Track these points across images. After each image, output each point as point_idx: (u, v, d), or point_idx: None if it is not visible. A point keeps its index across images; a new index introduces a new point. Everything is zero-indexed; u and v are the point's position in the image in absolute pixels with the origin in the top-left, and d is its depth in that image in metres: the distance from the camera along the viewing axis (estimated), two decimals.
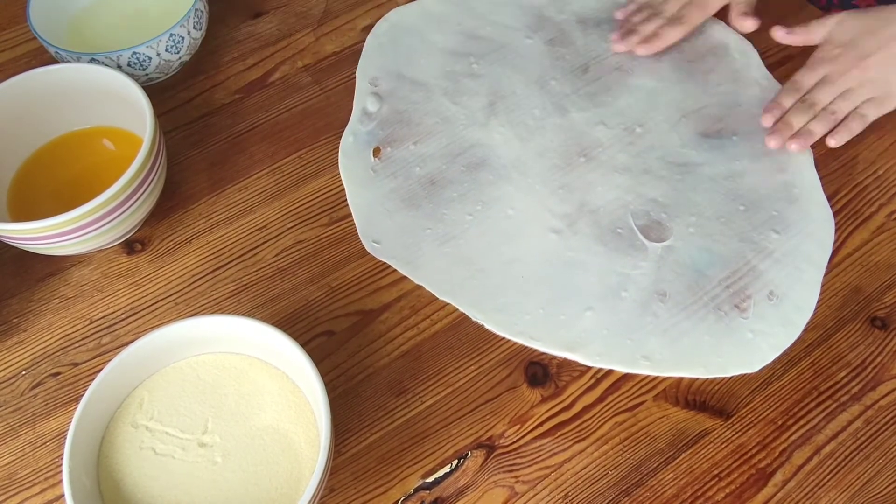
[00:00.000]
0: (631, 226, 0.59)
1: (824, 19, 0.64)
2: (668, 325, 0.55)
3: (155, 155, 0.55)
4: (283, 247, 0.60)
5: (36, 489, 0.50)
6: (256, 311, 0.57)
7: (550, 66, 0.68)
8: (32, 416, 0.53)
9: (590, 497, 0.50)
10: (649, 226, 0.59)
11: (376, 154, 0.63)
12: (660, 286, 0.57)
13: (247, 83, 0.69)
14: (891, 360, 0.54)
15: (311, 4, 0.74)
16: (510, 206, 0.60)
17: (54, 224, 0.51)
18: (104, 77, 0.58)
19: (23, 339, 0.56)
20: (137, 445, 0.47)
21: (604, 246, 0.59)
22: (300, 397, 0.49)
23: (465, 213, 0.60)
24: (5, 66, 0.70)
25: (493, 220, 0.60)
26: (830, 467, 0.50)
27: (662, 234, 0.59)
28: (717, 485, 0.50)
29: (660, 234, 0.59)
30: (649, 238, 0.59)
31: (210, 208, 0.62)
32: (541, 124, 0.65)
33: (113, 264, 0.59)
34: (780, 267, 0.58)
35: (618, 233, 0.59)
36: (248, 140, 0.66)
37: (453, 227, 0.60)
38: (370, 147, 0.64)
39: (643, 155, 0.63)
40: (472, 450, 0.51)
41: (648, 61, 0.68)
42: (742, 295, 0.56)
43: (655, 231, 0.59)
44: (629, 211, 0.60)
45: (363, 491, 0.50)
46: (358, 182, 0.62)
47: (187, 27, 0.64)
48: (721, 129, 0.65)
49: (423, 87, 0.67)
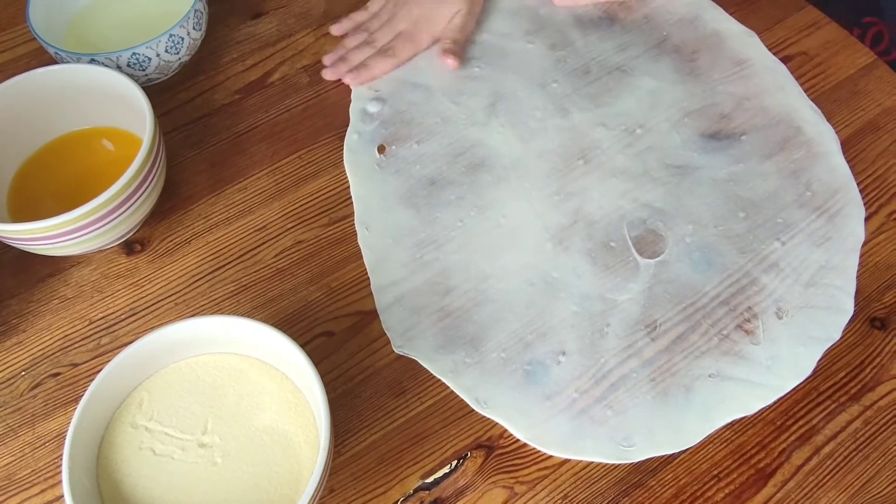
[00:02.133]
0: (625, 237, 0.58)
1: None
2: (657, 374, 0.52)
3: (155, 155, 0.55)
4: (283, 247, 0.60)
5: (35, 489, 0.50)
6: (256, 312, 0.57)
7: (552, 69, 0.68)
8: (32, 416, 0.53)
9: (589, 497, 0.50)
10: (644, 237, 0.58)
11: (381, 151, 0.63)
12: (649, 313, 0.54)
13: (246, 83, 0.69)
14: (890, 361, 0.54)
15: (311, 4, 0.74)
16: (503, 214, 0.60)
17: (54, 224, 0.51)
18: (104, 77, 0.58)
19: (22, 339, 0.56)
20: (137, 446, 0.47)
21: (593, 265, 0.57)
22: (300, 398, 0.49)
23: (457, 220, 0.59)
24: (5, 66, 0.70)
25: (482, 227, 0.59)
26: (830, 467, 0.50)
27: (657, 246, 0.58)
28: (717, 485, 0.50)
29: (654, 248, 0.57)
30: (643, 253, 0.57)
31: (210, 209, 0.62)
32: (542, 125, 0.65)
33: (113, 265, 0.59)
34: (783, 279, 0.56)
35: (610, 247, 0.57)
36: (247, 140, 0.66)
37: (441, 233, 0.59)
38: (374, 144, 0.64)
39: (642, 156, 0.63)
40: (471, 450, 0.51)
41: (649, 61, 0.68)
42: (747, 314, 0.55)
43: (650, 243, 0.58)
44: (625, 220, 0.59)
45: (363, 491, 0.50)
46: (364, 175, 0.62)
47: (187, 28, 0.64)
48: (725, 129, 0.64)
49: (423, 87, 0.67)
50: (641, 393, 0.52)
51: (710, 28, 0.70)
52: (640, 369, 0.53)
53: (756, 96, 0.65)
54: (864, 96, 0.67)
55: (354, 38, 0.69)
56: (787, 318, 0.54)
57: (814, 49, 0.70)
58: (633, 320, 0.54)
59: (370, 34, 0.69)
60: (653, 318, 0.55)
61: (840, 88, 0.68)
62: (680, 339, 0.54)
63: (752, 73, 0.67)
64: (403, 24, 0.68)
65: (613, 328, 0.54)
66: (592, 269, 0.57)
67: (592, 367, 0.53)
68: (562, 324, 0.54)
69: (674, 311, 0.55)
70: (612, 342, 0.54)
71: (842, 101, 0.67)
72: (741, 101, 0.65)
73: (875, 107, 0.66)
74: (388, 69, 0.67)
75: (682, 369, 0.53)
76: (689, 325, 0.54)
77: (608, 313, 0.55)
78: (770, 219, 0.59)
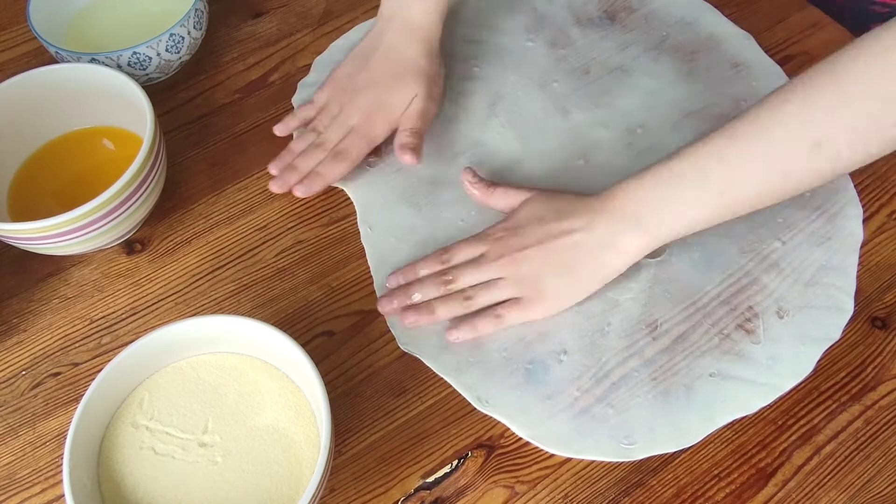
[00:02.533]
0: None
1: (518, 190, 0.56)
2: (658, 373, 0.52)
3: (155, 155, 0.55)
4: (283, 247, 0.60)
5: (36, 489, 0.50)
6: (256, 311, 0.57)
7: (552, 68, 0.68)
8: (32, 416, 0.53)
9: (590, 497, 0.50)
10: None
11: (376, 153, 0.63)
12: (650, 313, 0.54)
13: (247, 83, 0.69)
14: (891, 360, 0.54)
15: (311, 4, 0.74)
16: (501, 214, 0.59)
17: (54, 224, 0.51)
18: (104, 77, 0.58)
19: (23, 339, 0.56)
20: (137, 445, 0.47)
21: None
22: (300, 397, 0.49)
23: (458, 219, 0.59)
24: (5, 66, 0.70)
25: (482, 228, 0.57)
26: (830, 467, 0.50)
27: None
28: (717, 485, 0.50)
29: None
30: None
31: (210, 208, 0.62)
32: (542, 125, 0.65)
33: (113, 264, 0.59)
34: (783, 278, 0.56)
35: None
36: (248, 140, 0.66)
37: (442, 233, 0.59)
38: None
39: (643, 156, 0.62)
40: (472, 450, 0.51)
41: (649, 61, 0.68)
42: (748, 314, 0.55)
43: None
44: None
45: (363, 491, 0.50)
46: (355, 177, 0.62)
47: (187, 27, 0.64)
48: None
49: None
50: (642, 392, 0.52)
51: (707, 31, 0.70)
52: (641, 368, 0.53)
53: (753, 98, 0.65)
54: None
55: (302, 141, 0.61)
56: (788, 318, 0.54)
57: (815, 49, 0.70)
58: (634, 320, 0.54)
59: (318, 134, 0.61)
60: (654, 318, 0.55)
61: None
62: (681, 338, 0.54)
63: (748, 76, 0.67)
64: (355, 117, 0.60)
65: (614, 328, 0.54)
66: None
67: (593, 367, 0.53)
68: (563, 323, 0.54)
69: (674, 310, 0.55)
70: (613, 342, 0.54)
71: None
72: (739, 102, 0.65)
73: None
74: (342, 174, 0.60)
75: (682, 369, 0.53)
76: (690, 324, 0.54)
77: (609, 313, 0.55)
78: (770, 218, 0.59)
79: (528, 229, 0.53)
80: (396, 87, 0.61)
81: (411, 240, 0.59)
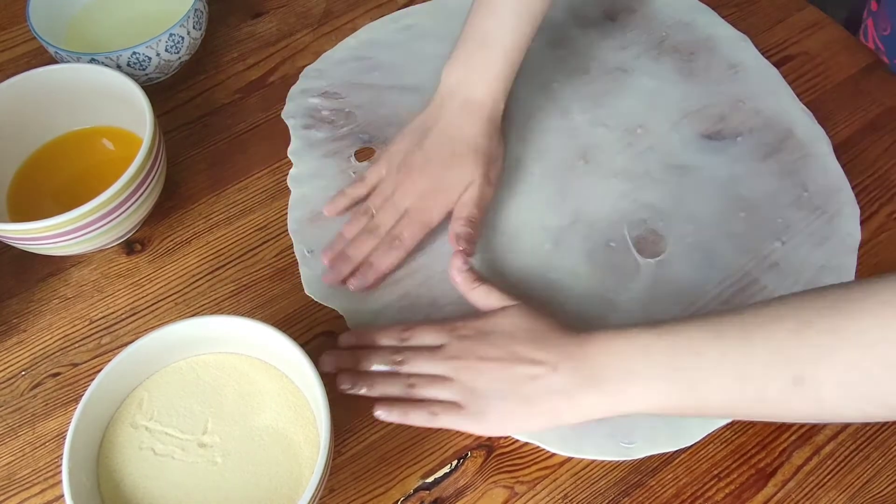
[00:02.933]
0: (625, 237, 0.58)
1: (501, 295, 0.52)
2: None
3: (155, 155, 0.55)
4: (283, 247, 0.60)
5: (35, 489, 0.50)
6: (256, 312, 0.57)
7: (552, 69, 0.68)
8: (32, 416, 0.53)
9: (589, 497, 0.49)
10: (644, 237, 0.58)
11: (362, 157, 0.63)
12: (650, 313, 0.54)
13: (247, 83, 0.69)
14: None
15: (311, 4, 0.74)
16: (502, 215, 0.60)
17: (54, 224, 0.51)
18: (104, 77, 0.58)
19: (23, 339, 0.56)
20: (137, 446, 0.47)
21: (591, 265, 0.56)
22: (300, 397, 0.49)
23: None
24: (5, 66, 0.70)
25: (481, 228, 0.58)
26: (830, 467, 0.50)
27: (657, 246, 0.58)
28: (717, 485, 0.50)
29: (655, 248, 0.57)
30: (643, 253, 0.57)
31: (210, 208, 0.62)
32: (542, 125, 0.65)
33: (113, 264, 0.59)
34: (783, 279, 0.56)
35: (610, 246, 0.57)
36: (248, 140, 0.66)
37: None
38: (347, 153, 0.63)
39: (643, 156, 0.63)
40: (471, 450, 0.51)
41: (649, 61, 0.68)
42: None
43: (650, 243, 0.58)
44: (625, 220, 0.59)
45: (363, 491, 0.50)
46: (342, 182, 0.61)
47: (187, 27, 0.64)
48: (724, 130, 0.64)
49: (416, 90, 0.66)
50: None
51: (705, 32, 0.70)
52: None
53: (750, 99, 0.66)
54: (864, 96, 0.67)
55: (354, 225, 0.58)
56: None
57: (814, 49, 0.70)
58: (634, 320, 0.54)
59: (371, 217, 0.57)
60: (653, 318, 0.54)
61: (841, 89, 0.68)
62: None
63: (745, 77, 0.67)
64: (409, 199, 0.57)
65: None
66: (590, 271, 0.57)
67: None
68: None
69: (674, 310, 0.55)
70: None
71: (842, 102, 0.67)
72: (736, 102, 0.65)
73: (876, 107, 0.66)
74: (396, 264, 0.56)
75: None
76: None
77: (609, 313, 0.55)
78: (770, 219, 0.59)
79: (496, 341, 0.49)
80: (454, 168, 0.57)
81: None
